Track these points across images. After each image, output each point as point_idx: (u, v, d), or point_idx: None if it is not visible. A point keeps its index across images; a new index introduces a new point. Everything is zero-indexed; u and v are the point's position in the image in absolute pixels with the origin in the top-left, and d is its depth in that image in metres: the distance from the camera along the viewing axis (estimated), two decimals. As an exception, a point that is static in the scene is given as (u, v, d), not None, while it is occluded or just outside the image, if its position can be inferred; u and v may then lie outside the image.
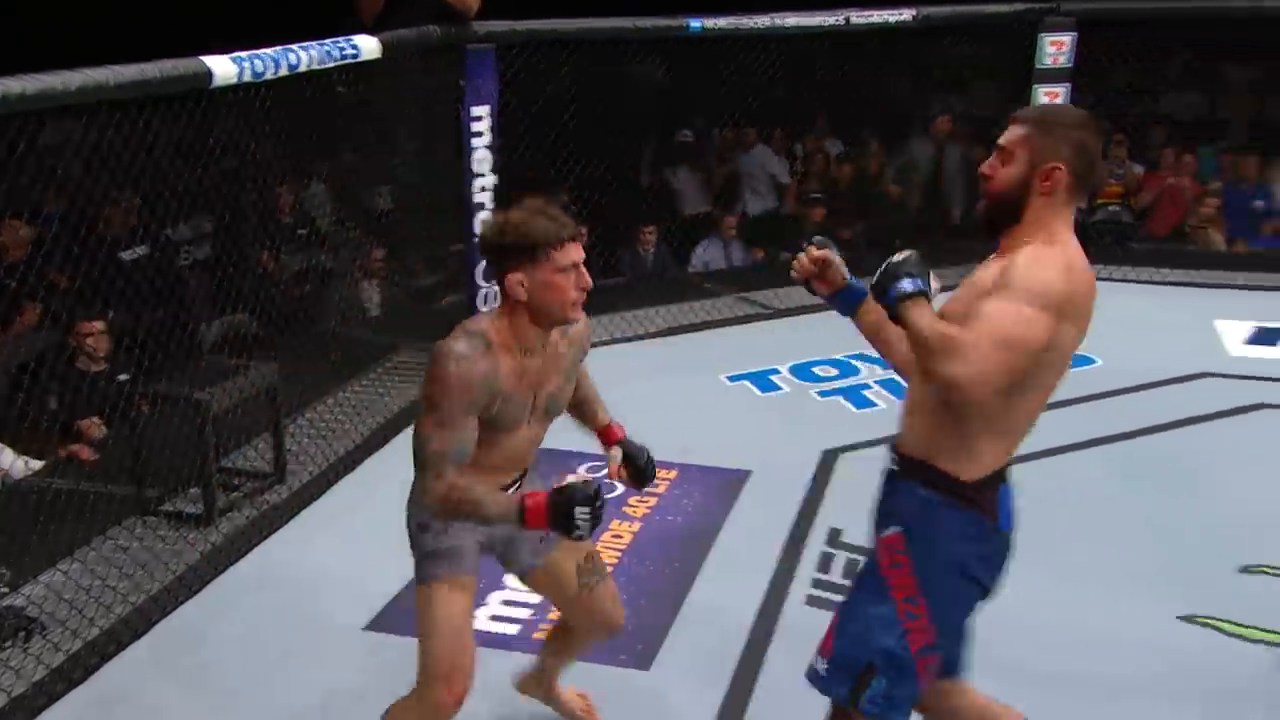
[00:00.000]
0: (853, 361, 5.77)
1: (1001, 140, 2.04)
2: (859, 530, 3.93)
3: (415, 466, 2.26)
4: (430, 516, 2.33)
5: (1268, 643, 3.19)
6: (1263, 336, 5.94)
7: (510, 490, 2.39)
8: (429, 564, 2.36)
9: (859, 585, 2.17)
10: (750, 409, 5.23)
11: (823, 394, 5.38)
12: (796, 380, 5.56)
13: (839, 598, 3.46)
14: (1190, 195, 7.59)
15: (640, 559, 3.81)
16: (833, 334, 6.16)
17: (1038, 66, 6.73)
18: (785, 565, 3.76)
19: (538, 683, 2.89)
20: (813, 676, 2.17)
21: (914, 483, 2.08)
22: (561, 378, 2.35)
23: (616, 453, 2.54)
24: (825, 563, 3.79)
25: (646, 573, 3.72)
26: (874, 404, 5.23)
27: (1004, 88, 7.53)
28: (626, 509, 4.18)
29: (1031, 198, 2.01)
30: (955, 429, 2.01)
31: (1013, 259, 1.98)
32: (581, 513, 2.12)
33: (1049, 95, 6.72)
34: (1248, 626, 3.27)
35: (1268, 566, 3.55)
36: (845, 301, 2.27)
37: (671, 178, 8.16)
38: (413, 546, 2.41)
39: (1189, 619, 3.33)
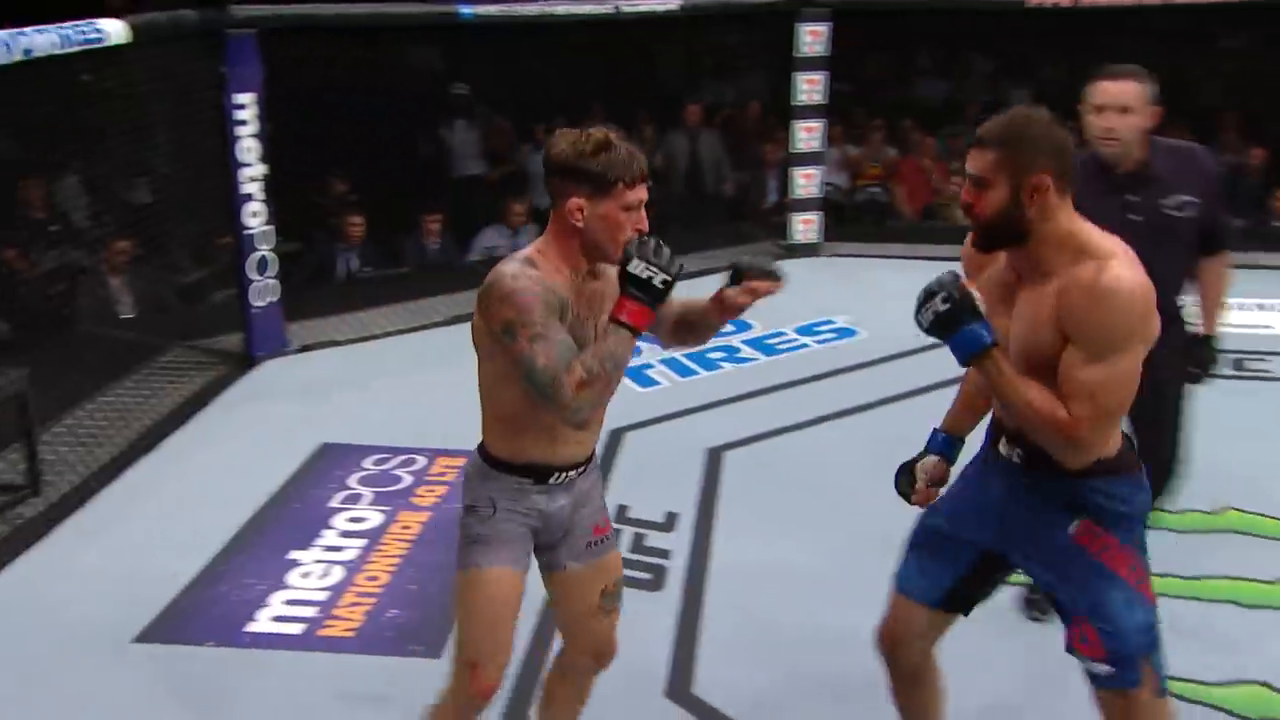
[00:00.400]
0: (639, 343, 5.88)
1: (973, 169, 2.00)
2: (645, 505, 4.09)
3: (538, 394, 2.02)
4: (479, 499, 2.21)
5: (1015, 582, 3.49)
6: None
7: (569, 475, 2.23)
8: (472, 550, 2.21)
9: (1078, 590, 2.10)
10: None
11: (607, 375, 5.47)
12: (582, 363, 5.63)
13: (627, 572, 3.55)
14: (936, 176, 8.16)
15: (429, 549, 3.79)
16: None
17: (796, 55, 7.05)
18: (573, 543, 3.82)
19: None
20: (1103, 678, 2.11)
21: (1067, 477, 2.04)
22: None
23: (731, 291, 2.20)
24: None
25: (436, 562, 3.70)
26: (657, 382, 5.38)
27: (769, 75, 7.88)
28: (414, 499, 4.14)
29: (1029, 212, 1.97)
30: None
31: (1081, 295, 1.92)
32: (637, 267, 2.02)
33: (809, 82, 7.06)
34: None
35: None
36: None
37: (448, 134, 8.05)
38: (459, 526, 2.25)
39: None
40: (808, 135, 7.28)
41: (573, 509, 2.29)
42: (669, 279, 2.04)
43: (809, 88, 7.11)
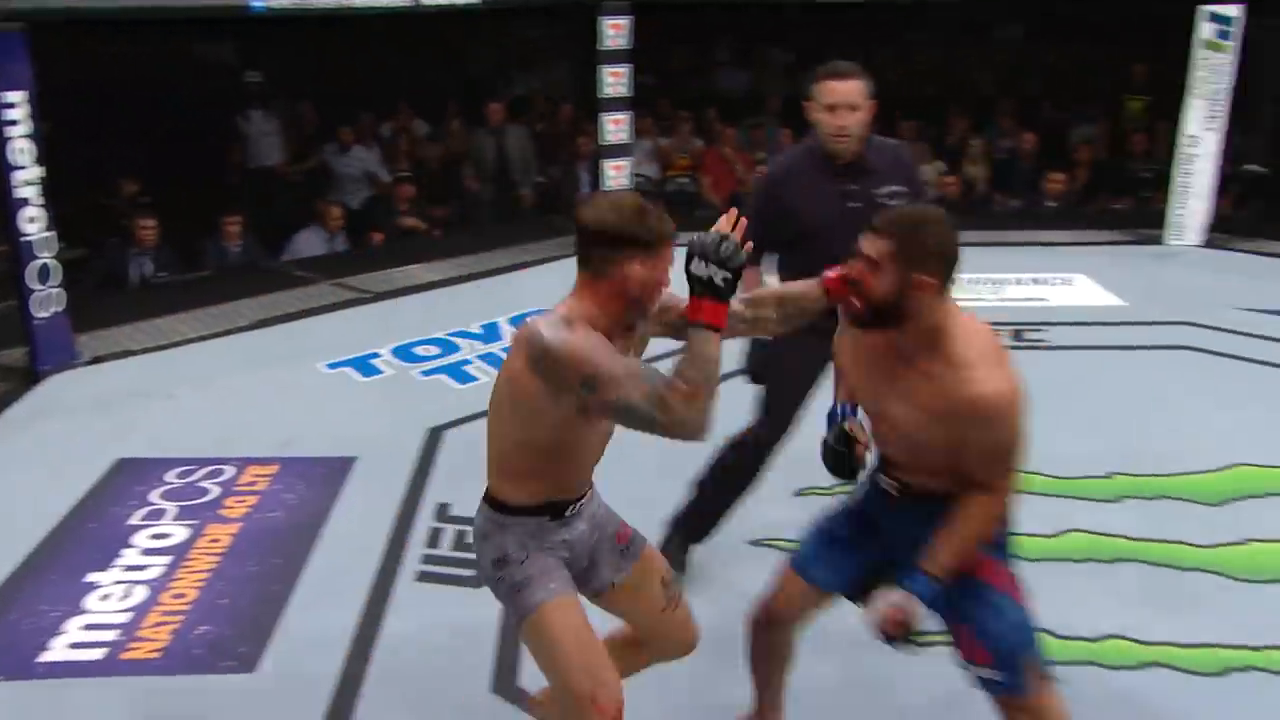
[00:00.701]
0: (453, 339, 5.84)
1: (867, 250, 2.11)
2: (467, 502, 4.03)
3: (647, 428, 1.98)
4: (506, 548, 2.20)
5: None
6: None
7: (580, 503, 2.27)
8: (526, 594, 2.19)
9: (959, 597, 2.22)
10: (352, 394, 5.14)
11: (425, 373, 5.40)
12: (399, 361, 5.53)
13: (450, 570, 3.61)
14: (739, 165, 8.39)
15: (241, 560, 3.65)
16: (433, 313, 6.31)
17: (600, 48, 7.11)
18: (395, 546, 3.75)
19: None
20: (995, 684, 2.25)
21: (938, 501, 2.19)
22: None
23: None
24: (435, 538, 3.82)
25: (248, 574, 3.57)
26: (475, 378, 5.33)
27: (575, 67, 7.93)
28: (223, 511, 3.97)
29: (909, 298, 2.10)
30: None
31: (964, 393, 2.07)
32: (698, 267, 1.99)
33: (613, 75, 7.13)
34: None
35: (817, 488, 4.04)
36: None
37: (244, 124, 7.73)
38: (495, 585, 2.24)
39: (757, 542, 3.72)
40: (615, 128, 7.35)
41: (590, 531, 2.33)
42: (729, 275, 2.00)
43: (613, 80, 7.18)
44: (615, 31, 7.09)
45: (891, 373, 2.20)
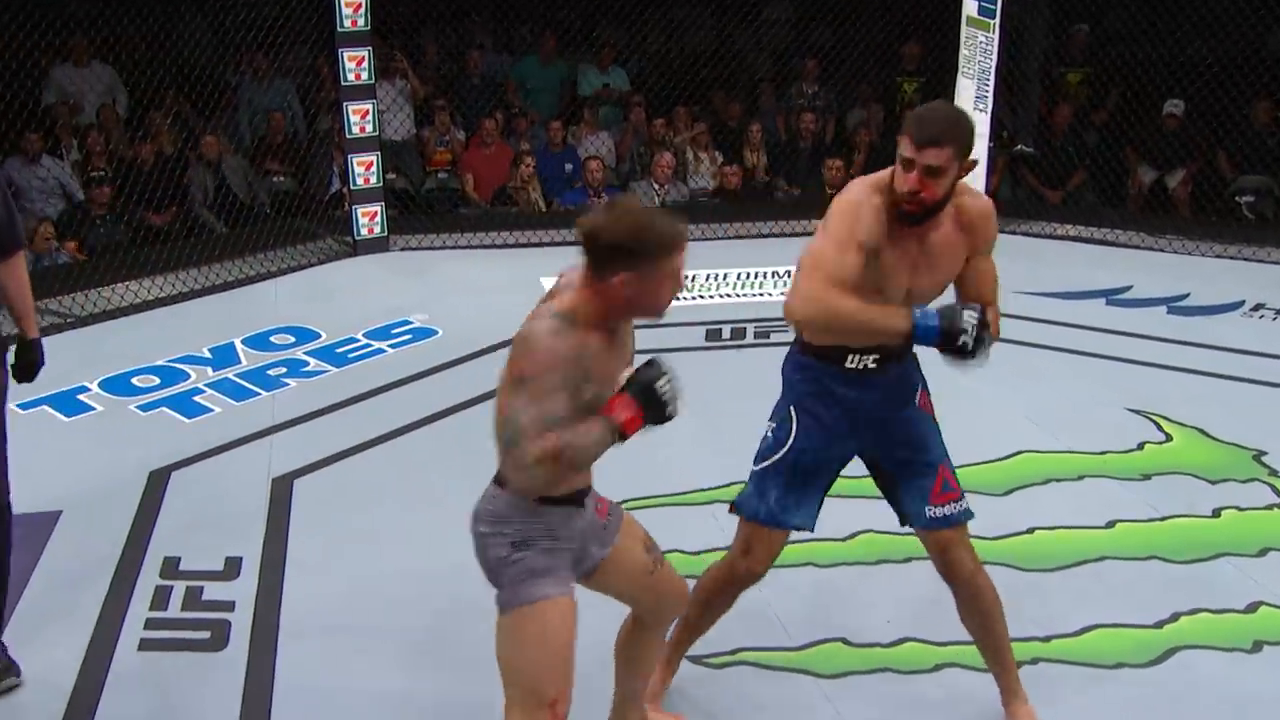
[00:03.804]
0: (178, 366, 5.54)
1: (929, 161, 2.51)
2: (200, 553, 3.85)
3: (504, 448, 2.26)
4: (531, 534, 2.34)
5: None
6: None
7: (586, 495, 2.45)
8: (534, 584, 2.34)
9: (936, 444, 2.81)
10: (54, 437, 4.78)
11: (144, 407, 5.10)
12: (110, 395, 5.22)
13: (181, 634, 3.42)
14: (503, 159, 8.37)
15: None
16: (151, 337, 5.97)
17: (339, 30, 6.93)
18: (111, 612, 3.54)
19: (623, 715, 2.82)
20: (957, 515, 2.78)
21: (908, 361, 2.81)
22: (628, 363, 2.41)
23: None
24: (161, 598, 3.62)
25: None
26: (208, 409, 5.08)
27: (314, 48, 7.69)
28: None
29: (956, 184, 2.60)
30: None
31: (983, 221, 2.69)
32: (663, 385, 2.28)
33: (353, 59, 6.97)
34: (698, 553, 3.64)
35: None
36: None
37: None
38: (500, 569, 2.37)
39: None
40: (360, 119, 7.19)
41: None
42: (672, 409, 2.29)
43: (355, 66, 7.01)
44: (353, 11, 6.93)
45: (919, 252, 2.65)
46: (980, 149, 7.85)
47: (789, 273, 3.78)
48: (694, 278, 6.59)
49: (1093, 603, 3.56)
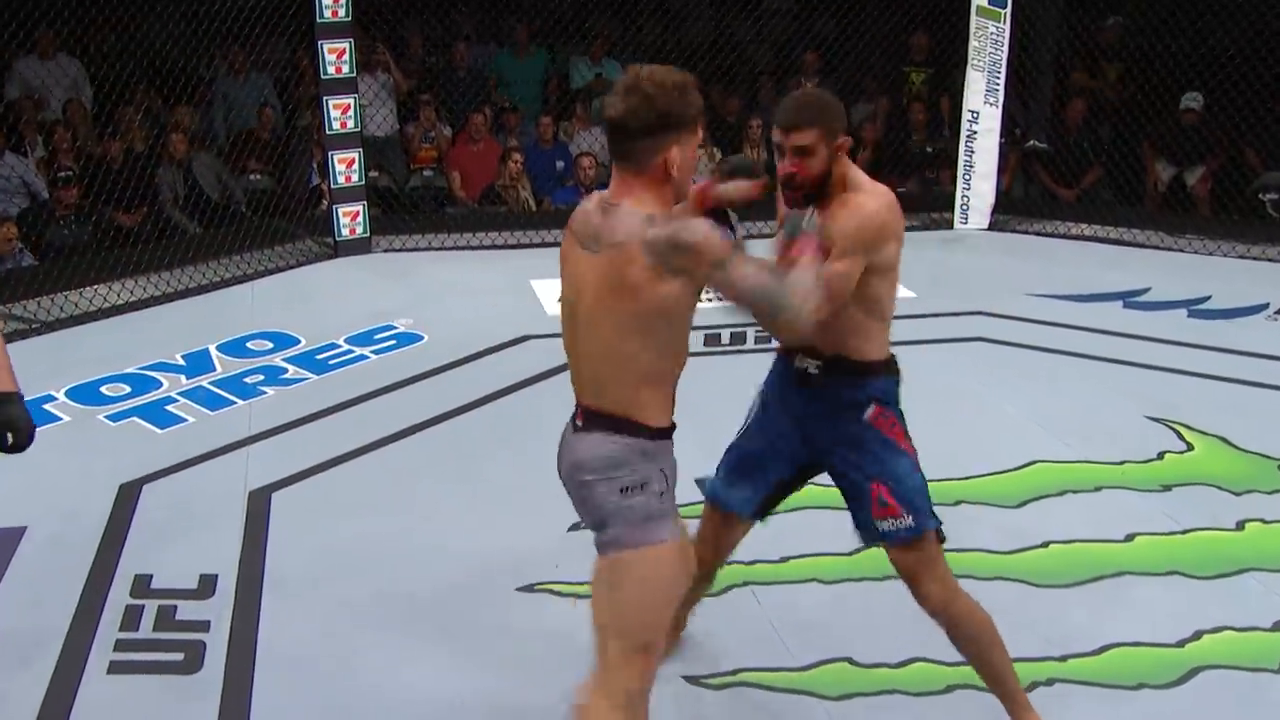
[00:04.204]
0: (150, 373, 5.53)
1: (797, 142, 2.72)
2: (172, 571, 3.83)
3: (774, 310, 2.30)
4: (649, 476, 2.36)
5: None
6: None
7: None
8: (659, 525, 2.38)
9: (873, 461, 2.87)
10: (19, 450, 4.76)
11: (114, 417, 5.09)
12: (79, 405, 5.21)
13: (153, 656, 3.41)
14: (491, 155, 8.37)
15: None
16: (121, 344, 5.95)
17: (319, 20, 6.93)
18: (78, 633, 3.52)
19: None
20: (905, 531, 2.86)
21: (855, 378, 2.86)
22: None
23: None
24: (132, 618, 3.60)
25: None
26: (181, 419, 5.07)
27: (292, 40, 7.68)
28: None
29: (832, 167, 2.76)
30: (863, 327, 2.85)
31: (856, 209, 2.75)
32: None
33: (333, 51, 6.96)
34: (578, 583, 3.69)
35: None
36: None
37: None
38: (612, 514, 2.37)
39: (527, 588, 3.71)
40: (341, 114, 7.19)
41: None
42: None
43: (336, 58, 7.01)
44: (334, 1, 6.93)
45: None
46: (991, 145, 7.90)
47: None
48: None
49: (1111, 620, 3.55)
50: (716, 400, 3.45)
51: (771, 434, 2.98)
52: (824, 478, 3.00)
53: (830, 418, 2.89)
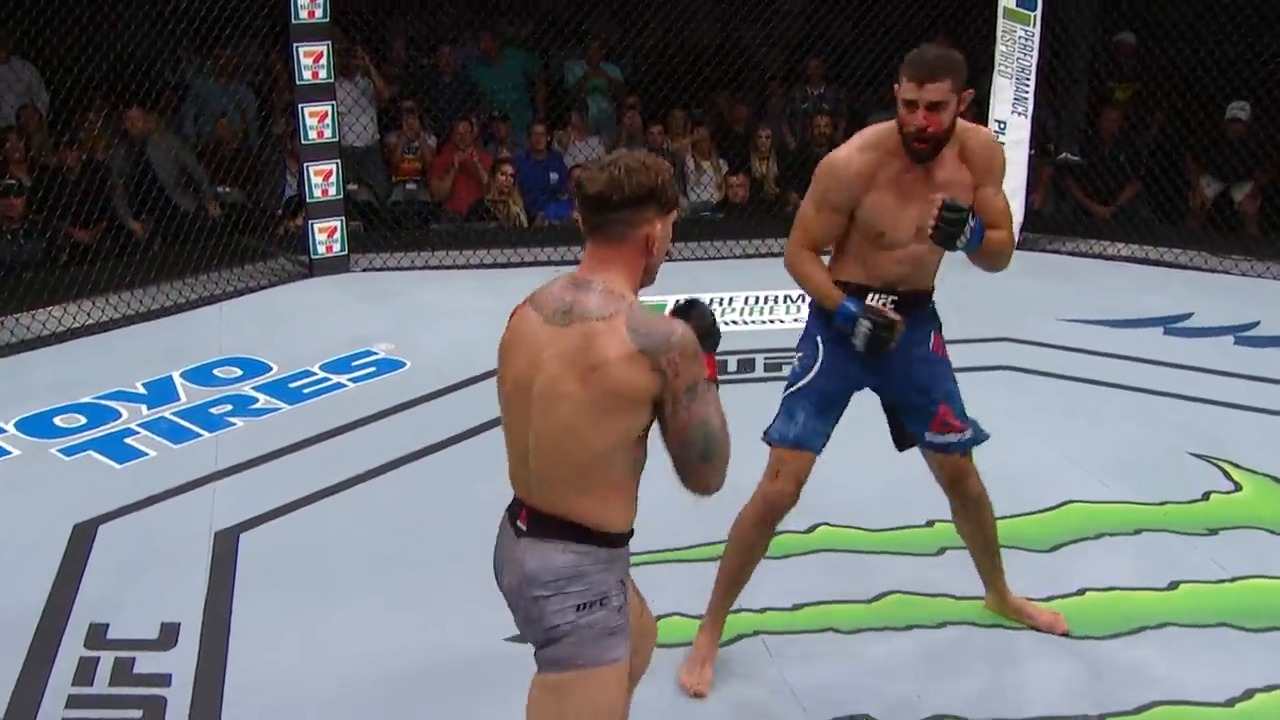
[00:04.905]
0: (107, 403, 5.54)
1: (931, 97, 3.08)
2: (131, 619, 3.83)
3: (703, 458, 2.33)
4: (609, 589, 2.35)
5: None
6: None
7: None
8: (612, 643, 2.36)
9: (939, 384, 3.44)
10: (-38, 486, 4.79)
11: (68, 451, 5.09)
12: (28, 438, 5.23)
13: (105, 713, 3.40)
14: (483, 167, 8.41)
15: None
16: (76, 371, 5.97)
17: (295, 21, 6.98)
18: (28, 687, 3.52)
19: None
20: (967, 441, 3.48)
21: (926, 305, 3.45)
22: None
23: None
24: (87, 671, 3.61)
25: None
26: (142, 453, 5.07)
27: (265, 43, 7.74)
28: None
29: (958, 115, 3.18)
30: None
31: (984, 151, 3.30)
32: (707, 316, 2.44)
33: (309, 55, 7.01)
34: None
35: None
36: None
37: None
38: (563, 633, 2.34)
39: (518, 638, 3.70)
40: (318, 123, 7.22)
41: None
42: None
43: (312, 63, 7.06)
44: (310, 1, 6.98)
45: (922, 193, 3.19)
46: (1020, 158, 7.92)
47: (803, 296, 3.89)
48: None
49: (1154, 677, 3.54)
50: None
51: (844, 371, 3.40)
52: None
53: (901, 350, 3.33)
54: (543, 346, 2.31)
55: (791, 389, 3.44)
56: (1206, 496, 4.65)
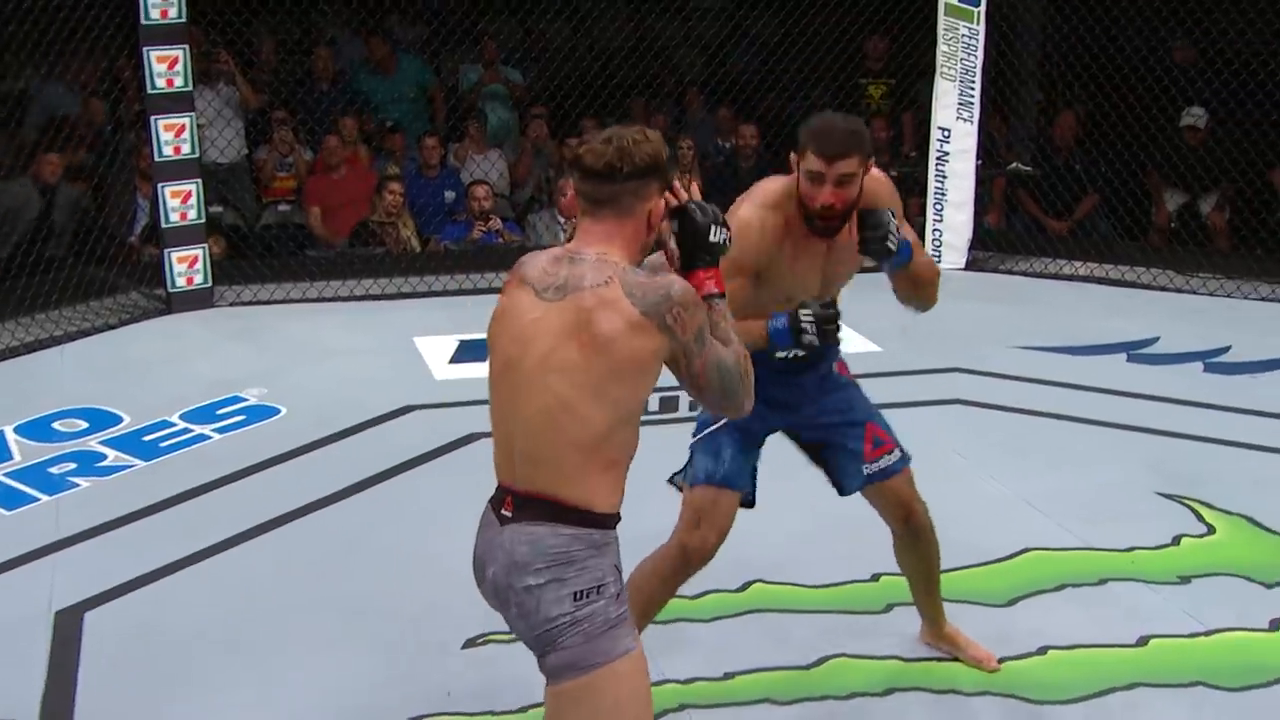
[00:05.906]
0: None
1: (844, 171, 3.23)
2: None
3: (725, 392, 2.54)
4: (604, 575, 2.45)
5: None
6: (466, 352, 6.76)
7: None
8: (618, 634, 2.45)
9: (859, 407, 3.62)
10: None
11: None
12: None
13: None
14: (368, 185, 8.40)
15: None
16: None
17: (144, 21, 6.92)
18: None
19: None
20: (899, 461, 3.62)
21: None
22: None
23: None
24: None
25: None
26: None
27: (108, 51, 7.65)
28: None
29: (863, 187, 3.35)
30: None
31: (876, 188, 3.42)
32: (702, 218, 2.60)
33: (162, 61, 6.94)
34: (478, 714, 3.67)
35: (495, 635, 4.03)
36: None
37: None
38: (562, 629, 2.43)
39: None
40: (174, 137, 7.15)
41: None
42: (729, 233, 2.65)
43: (166, 69, 7.00)
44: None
45: (828, 249, 3.39)
46: (966, 169, 8.05)
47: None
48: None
49: (1124, 743, 3.58)
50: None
51: (758, 410, 3.35)
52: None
53: (808, 385, 3.52)
54: (531, 322, 2.47)
55: (707, 431, 3.48)
56: (1177, 541, 4.72)
